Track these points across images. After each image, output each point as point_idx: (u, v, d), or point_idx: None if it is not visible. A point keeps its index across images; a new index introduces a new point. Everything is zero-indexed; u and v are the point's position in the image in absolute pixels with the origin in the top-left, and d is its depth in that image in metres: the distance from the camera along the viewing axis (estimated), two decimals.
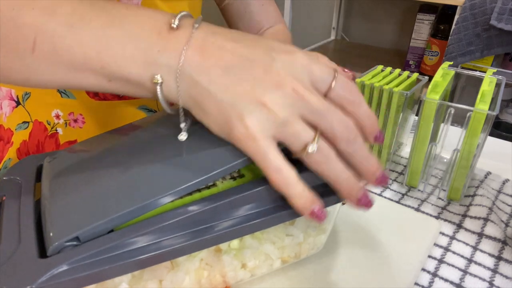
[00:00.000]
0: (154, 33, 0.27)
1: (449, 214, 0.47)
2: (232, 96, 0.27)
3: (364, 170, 0.29)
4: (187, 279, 0.31)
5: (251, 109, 0.26)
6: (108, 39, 0.27)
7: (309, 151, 0.27)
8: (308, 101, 0.27)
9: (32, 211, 0.29)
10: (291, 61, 0.28)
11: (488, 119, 0.42)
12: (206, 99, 0.27)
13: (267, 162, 0.27)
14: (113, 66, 0.27)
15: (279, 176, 0.27)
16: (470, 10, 1.17)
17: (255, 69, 0.27)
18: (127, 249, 0.27)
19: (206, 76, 0.27)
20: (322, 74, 0.28)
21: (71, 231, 0.26)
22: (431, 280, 0.38)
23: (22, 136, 0.49)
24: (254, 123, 0.26)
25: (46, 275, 0.24)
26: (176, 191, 0.28)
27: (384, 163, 0.54)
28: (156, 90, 0.28)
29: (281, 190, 0.28)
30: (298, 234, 0.35)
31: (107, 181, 0.30)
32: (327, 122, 0.27)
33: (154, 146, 0.32)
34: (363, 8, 1.79)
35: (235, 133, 0.27)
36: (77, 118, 0.49)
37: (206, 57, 0.27)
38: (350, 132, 0.28)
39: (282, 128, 0.27)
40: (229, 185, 0.31)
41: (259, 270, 0.35)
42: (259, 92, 0.26)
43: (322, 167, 0.28)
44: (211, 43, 0.27)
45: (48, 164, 0.33)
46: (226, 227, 0.29)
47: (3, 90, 0.49)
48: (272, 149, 0.27)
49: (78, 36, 0.27)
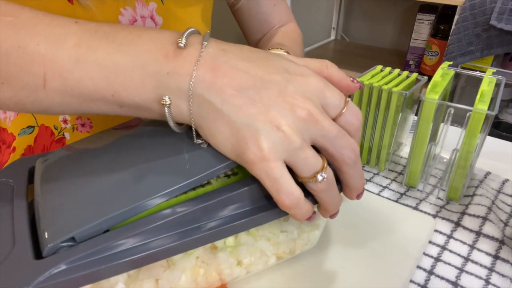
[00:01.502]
0: (161, 56, 0.27)
1: (447, 212, 0.47)
2: (246, 117, 0.26)
3: (355, 188, 0.31)
4: (183, 277, 0.31)
5: (266, 131, 0.26)
6: (116, 67, 0.27)
7: (318, 180, 0.27)
8: (322, 125, 0.27)
9: (26, 213, 0.29)
10: (305, 84, 0.28)
11: (487, 119, 0.42)
12: (219, 120, 0.27)
13: (279, 185, 0.27)
14: (123, 94, 0.27)
15: (290, 199, 0.27)
16: (470, 10, 1.17)
17: (270, 91, 0.27)
18: (123, 248, 0.26)
19: (219, 96, 0.26)
20: (335, 100, 0.28)
21: (67, 232, 0.26)
22: (427, 278, 0.38)
23: (27, 141, 0.49)
24: (269, 145, 0.26)
25: (43, 276, 0.24)
26: (171, 190, 0.28)
27: (383, 163, 0.54)
28: (164, 112, 0.27)
29: (289, 211, 0.28)
30: (292, 230, 0.35)
31: (102, 181, 0.30)
32: (337, 147, 0.28)
33: (148, 145, 0.32)
34: (363, 8, 1.79)
35: (248, 154, 0.26)
36: (85, 123, 0.49)
37: (219, 77, 0.26)
38: (356, 155, 0.29)
39: (295, 152, 0.27)
40: (223, 183, 0.31)
41: (255, 267, 0.35)
42: (273, 114, 0.26)
43: (325, 194, 0.29)
44: (223, 62, 0.27)
45: (41, 165, 0.33)
46: (221, 224, 0.29)
47: None
48: (285, 172, 0.27)
49: (86, 68, 0.27)
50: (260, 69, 0.27)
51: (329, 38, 1.88)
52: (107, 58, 0.27)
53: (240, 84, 0.26)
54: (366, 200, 0.48)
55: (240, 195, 0.29)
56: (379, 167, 0.55)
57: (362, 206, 0.47)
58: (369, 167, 0.56)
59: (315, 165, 0.27)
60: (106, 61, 0.27)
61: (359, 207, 0.47)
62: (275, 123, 0.26)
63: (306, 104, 0.27)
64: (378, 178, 0.54)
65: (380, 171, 0.55)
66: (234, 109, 0.26)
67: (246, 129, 0.26)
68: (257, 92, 0.26)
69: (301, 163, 0.27)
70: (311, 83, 0.28)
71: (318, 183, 0.28)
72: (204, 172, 0.28)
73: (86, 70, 0.27)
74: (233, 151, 0.27)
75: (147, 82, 0.27)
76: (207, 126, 0.27)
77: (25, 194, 0.31)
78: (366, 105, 0.52)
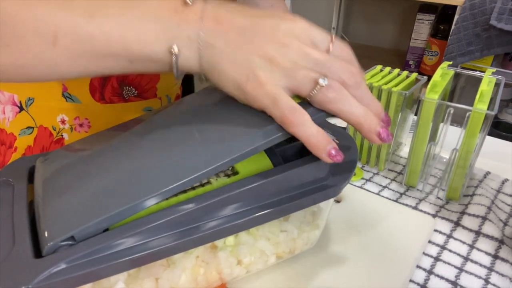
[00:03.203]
0: (171, 11, 0.29)
1: (447, 212, 0.47)
2: (245, 54, 0.29)
3: (373, 111, 0.31)
4: (183, 276, 0.31)
5: (262, 64, 0.29)
6: (129, 22, 0.28)
7: (320, 83, 0.29)
8: (312, 55, 0.29)
9: (26, 212, 0.29)
10: (294, 25, 0.30)
11: (487, 118, 0.42)
12: (223, 60, 0.30)
13: (281, 104, 0.29)
14: (135, 46, 0.29)
15: (294, 116, 0.29)
16: (470, 10, 1.17)
17: (264, 31, 0.30)
18: (123, 247, 0.26)
19: (222, 38, 0.29)
20: (322, 36, 0.31)
21: (67, 231, 0.26)
22: (426, 278, 0.38)
23: (27, 142, 0.49)
24: (265, 74, 0.29)
25: (43, 274, 0.24)
26: (170, 189, 0.28)
27: (383, 163, 0.54)
28: (172, 62, 0.30)
29: (297, 131, 0.29)
30: (292, 229, 0.35)
31: (101, 180, 0.30)
32: (333, 70, 0.30)
33: (147, 144, 0.32)
34: (363, 8, 1.78)
35: (248, 86, 0.29)
36: (83, 123, 0.49)
37: (220, 23, 0.30)
38: (356, 77, 0.30)
39: (291, 75, 0.29)
40: (223, 182, 0.31)
41: (255, 266, 0.35)
42: (268, 50, 0.29)
43: (339, 105, 0.30)
44: (223, 12, 0.30)
45: (41, 164, 0.33)
46: (221, 224, 0.29)
47: (5, 95, 0.48)
48: (284, 94, 0.29)
49: (99, 24, 0.28)
50: (255, 13, 0.31)
51: None
52: (119, 15, 0.28)
53: (238, 27, 0.30)
54: (366, 200, 0.48)
55: (240, 195, 0.29)
56: (378, 167, 0.55)
57: (362, 206, 0.47)
58: (369, 167, 0.56)
59: (314, 76, 0.29)
60: (119, 17, 0.28)
61: (359, 207, 0.47)
62: (269, 56, 0.29)
63: (295, 40, 0.30)
64: (377, 178, 0.54)
65: (379, 171, 0.55)
66: (235, 48, 0.29)
67: (245, 64, 0.29)
68: (253, 33, 0.30)
69: (300, 81, 0.29)
70: (299, 24, 0.31)
71: (325, 92, 0.29)
72: (203, 170, 0.28)
73: (100, 26, 0.28)
74: (235, 85, 0.30)
75: (160, 34, 0.29)
76: (214, 70, 0.30)
77: (25, 194, 0.31)
78: None
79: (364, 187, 0.52)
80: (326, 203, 0.36)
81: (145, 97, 0.52)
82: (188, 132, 0.31)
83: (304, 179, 0.32)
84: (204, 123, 0.32)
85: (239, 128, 0.30)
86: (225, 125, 0.31)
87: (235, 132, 0.30)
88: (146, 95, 0.52)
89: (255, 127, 0.30)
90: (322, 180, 0.32)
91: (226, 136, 0.30)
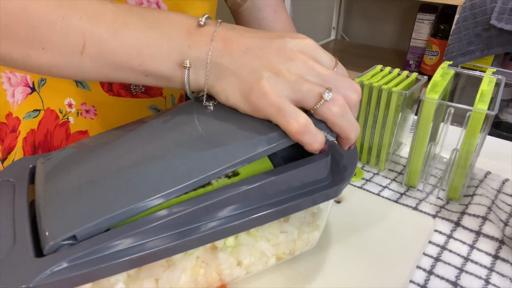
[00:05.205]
0: (185, 33, 0.32)
1: (447, 212, 0.47)
2: (251, 67, 0.31)
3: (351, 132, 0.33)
4: (183, 277, 0.31)
5: (267, 76, 0.30)
6: (147, 40, 0.31)
7: (325, 97, 0.30)
8: (318, 69, 0.31)
9: (27, 211, 0.29)
10: (301, 43, 0.32)
11: (487, 118, 0.42)
12: (228, 75, 0.31)
13: (284, 111, 0.29)
14: (151, 63, 0.32)
15: (298, 122, 0.29)
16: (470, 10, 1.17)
17: (271, 48, 0.31)
18: (124, 247, 0.26)
19: (229, 57, 0.31)
20: (327, 57, 0.33)
21: (68, 230, 0.26)
22: (426, 278, 0.38)
23: (31, 125, 0.49)
24: (270, 85, 0.30)
25: (43, 273, 0.24)
26: (172, 191, 0.28)
27: (383, 163, 0.54)
28: (184, 80, 0.32)
29: (301, 137, 0.30)
30: (292, 230, 0.35)
31: (103, 180, 0.30)
32: (338, 85, 0.31)
33: (150, 145, 0.32)
34: (363, 8, 1.78)
35: (253, 94, 0.30)
36: (89, 109, 0.51)
37: (229, 44, 0.31)
38: (359, 94, 0.32)
39: (296, 88, 0.30)
40: (223, 183, 0.31)
41: (255, 267, 0.35)
42: (274, 64, 0.30)
43: (341, 119, 0.31)
44: (232, 34, 0.32)
45: (42, 165, 0.33)
46: (221, 224, 0.29)
47: (17, 76, 0.48)
48: (289, 103, 0.30)
49: (122, 40, 0.31)
50: (263, 34, 0.33)
51: (329, 37, 1.88)
52: (140, 33, 0.31)
53: (246, 46, 0.31)
54: (366, 200, 0.48)
55: (240, 196, 0.29)
56: (379, 167, 0.55)
57: (361, 206, 0.47)
58: (369, 167, 0.56)
59: (318, 90, 0.30)
60: (139, 36, 0.31)
61: (359, 207, 0.47)
62: (275, 70, 0.30)
63: (302, 55, 0.31)
64: (378, 178, 0.54)
65: (380, 171, 0.55)
66: (241, 65, 0.31)
67: (250, 76, 0.30)
68: (260, 50, 0.31)
69: (305, 93, 0.30)
70: (307, 42, 0.32)
71: (330, 105, 0.30)
72: (206, 173, 0.28)
73: (122, 42, 0.31)
74: (241, 96, 0.31)
75: (172, 54, 0.32)
76: (219, 83, 0.32)
77: (26, 193, 0.31)
78: (366, 104, 0.52)
79: (364, 188, 0.52)
80: (326, 204, 0.36)
81: (152, 94, 0.53)
82: (193, 134, 0.32)
83: (304, 180, 0.32)
84: (209, 127, 0.32)
85: (244, 132, 0.31)
86: (231, 128, 0.31)
87: (240, 135, 0.30)
88: (153, 92, 0.53)
89: (261, 132, 0.30)
90: (322, 181, 0.32)
91: (231, 139, 0.30)
